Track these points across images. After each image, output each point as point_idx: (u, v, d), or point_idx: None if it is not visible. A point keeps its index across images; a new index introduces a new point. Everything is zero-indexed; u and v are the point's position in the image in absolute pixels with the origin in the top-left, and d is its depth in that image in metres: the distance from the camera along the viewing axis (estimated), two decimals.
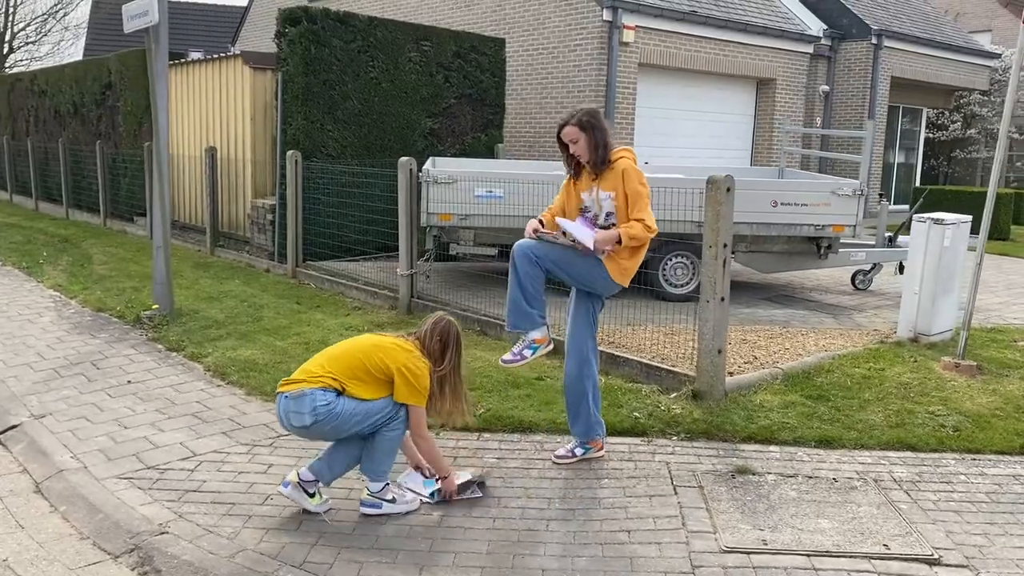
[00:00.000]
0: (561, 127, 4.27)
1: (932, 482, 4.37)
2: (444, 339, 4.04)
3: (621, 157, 4.27)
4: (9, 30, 30.98)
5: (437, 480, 4.10)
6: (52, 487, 4.24)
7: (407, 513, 3.95)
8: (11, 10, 30.69)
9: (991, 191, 6.22)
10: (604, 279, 4.30)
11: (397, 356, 3.90)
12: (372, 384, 3.85)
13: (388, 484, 3.98)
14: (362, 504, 3.96)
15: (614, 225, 4.27)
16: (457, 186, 8.30)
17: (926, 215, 6.90)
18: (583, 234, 4.20)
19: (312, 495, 3.94)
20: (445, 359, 4.01)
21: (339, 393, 3.80)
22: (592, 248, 4.17)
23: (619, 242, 4.17)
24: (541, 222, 4.39)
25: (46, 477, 4.34)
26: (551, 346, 4.44)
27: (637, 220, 4.17)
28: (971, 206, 13.66)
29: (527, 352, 4.33)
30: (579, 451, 4.56)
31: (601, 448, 4.61)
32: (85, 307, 8.03)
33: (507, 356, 4.38)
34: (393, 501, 3.97)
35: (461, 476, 4.14)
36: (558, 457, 4.55)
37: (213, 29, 30.00)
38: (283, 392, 3.83)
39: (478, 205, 8.29)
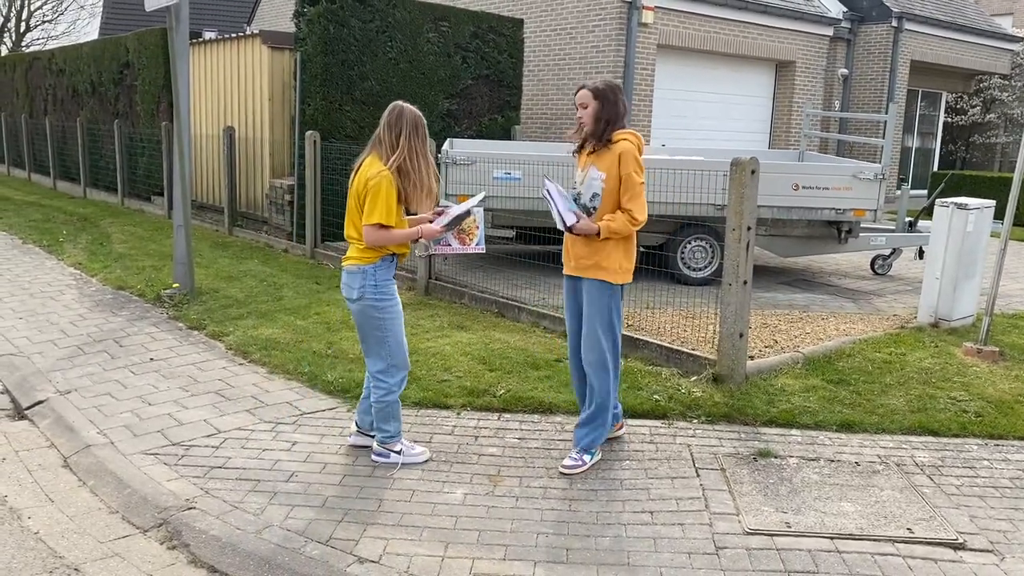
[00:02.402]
0: (579, 89, 4.13)
1: (955, 467, 4.37)
2: (397, 125, 3.97)
3: (624, 139, 4.07)
4: (26, 8, 31.02)
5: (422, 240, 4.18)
6: (80, 462, 4.29)
7: (420, 463, 4.23)
8: None
9: (1017, 176, 6.15)
10: (611, 292, 4.16)
11: (357, 181, 4.02)
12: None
13: (399, 438, 4.27)
14: (373, 453, 4.28)
15: (596, 209, 4.09)
16: (476, 167, 8.28)
17: (949, 199, 6.84)
18: (565, 208, 4.01)
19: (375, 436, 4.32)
20: (399, 145, 3.95)
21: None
22: (566, 228, 4.03)
23: (598, 234, 4.01)
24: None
25: (74, 452, 4.39)
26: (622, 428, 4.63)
27: (625, 210, 4.01)
28: (990, 191, 13.56)
29: (586, 457, 4.29)
30: (586, 457, 4.33)
31: (620, 427, 4.62)
32: (106, 285, 8.09)
33: (567, 462, 4.26)
34: (400, 453, 4.25)
35: (442, 220, 4.13)
36: (566, 467, 4.25)
37: (227, 8, 29.94)
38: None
39: (496, 187, 8.28)
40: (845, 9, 16.60)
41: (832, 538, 3.60)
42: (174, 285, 7.58)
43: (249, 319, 6.76)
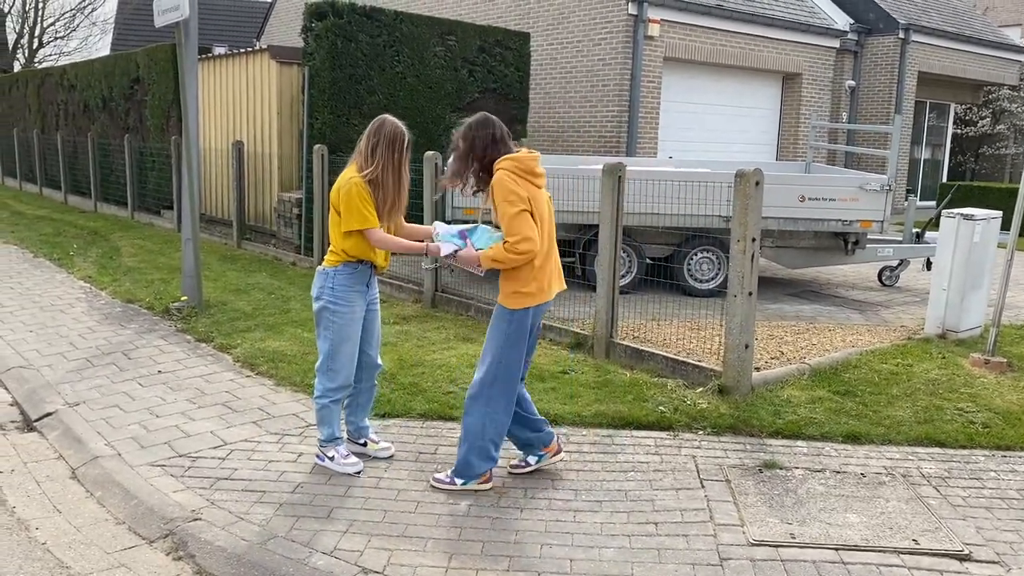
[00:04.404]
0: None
1: (961, 478, 4.35)
2: (375, 136, 4.07)
3: (498, 168, 3.85)
4: (39, 25, 31.36)
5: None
6: (87, 473, 4.32)
7: (352, 474, 4.25)
8: (41, 6, 31.06)
9: (1023, 186, 6.14)
10: (509, 319, 3.96)
11: (332, 191, 4.12)
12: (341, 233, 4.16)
13: (334, 444, 4.32)
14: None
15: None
16: None
17: (955, 211, 6.84)
18: (446, 244, 3.97)
19: (364, 444, 4.47)
20: (374, 157, 4.04)
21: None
22: (446, 256, 3.95)
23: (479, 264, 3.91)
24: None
25: (82, 463, 4.42)
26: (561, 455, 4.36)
27: (505, 240, 3.81)
28: (999, 202, 13.51)
29: (531, 459, 4.28)
30: (459, 480, 4.13)
31: (557, 451, 4.35)
32: (115, 298, 8.14)
33: (439, 475, 4.18)
34: (332, 459, 4.30)
35: (445, 248, 3.99)
36: (436, 480, 4.16)
37: (237, 24, 30.22)
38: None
39: None
40: (852, 21, 16.63)
41: (837, 549, 3.59)
42: (183, 298, 7.63)
43: (257, 332, 6.80)
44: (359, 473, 4.27)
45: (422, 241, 4.21)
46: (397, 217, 4.22)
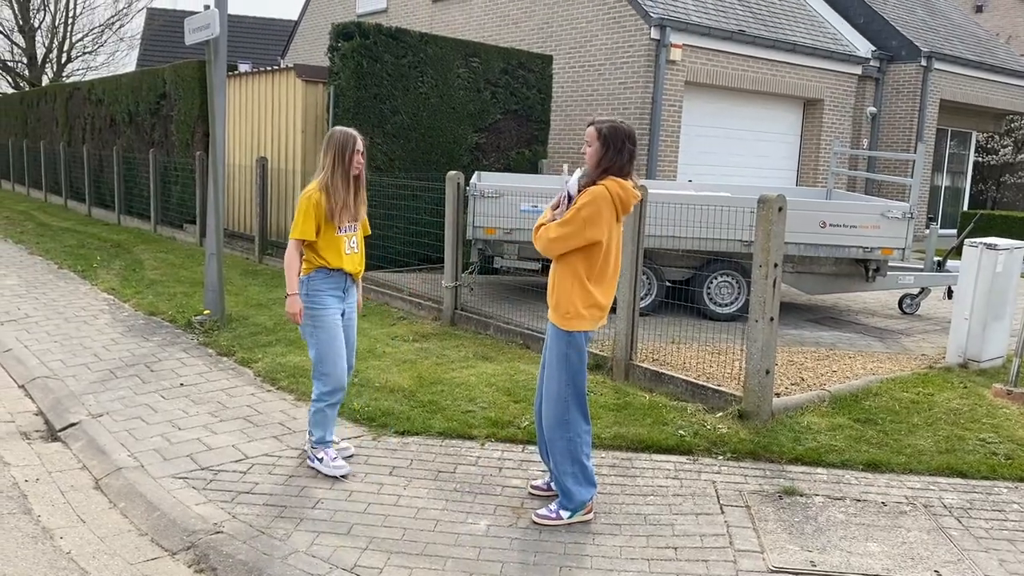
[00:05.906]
0: (590, 124, 3.99)
1: (984, 510, 4.31)
2: (327, 147, 4.34)
3: (603, 184, 3.84)
4: (68, 40, 31.86)
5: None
6: (111, 484, 4.36)
7: (338, 477, 4.41)
8: (70, 21, 31.58)
9: None
10: (568, 340, 3.94)
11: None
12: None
13: (324, 446, 4.51)
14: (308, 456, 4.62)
15: None
16: (503, 200, 8.38)
17: (979, 239, 6.81)
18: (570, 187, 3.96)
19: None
20: (325, 166, 4.32)
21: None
22: (572, 190, 3.91)
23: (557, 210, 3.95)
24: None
25: (105, 474, 4.47)
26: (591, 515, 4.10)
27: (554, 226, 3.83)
28: (1021, 231, 13.44)
29: (563, 513, 4.03)
30: (564, 514, 4.02)
31: (589, 511, 4.08)
32: (138, 310, 8.23)
33: (542, 511, 4.07)
34: (321, 461, 4.48)
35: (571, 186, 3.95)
36: (539, 516, 4.05)
37: (261, 42, 30.62)
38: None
39: (523, 219, 8.36)
40: (874, 48, 16.64)
41: None
42: (205, 312, 7.70)
43: (278, 346, 6.85)
44: (345, 476, 4.43)
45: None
46: (353, 218, 4.42)
